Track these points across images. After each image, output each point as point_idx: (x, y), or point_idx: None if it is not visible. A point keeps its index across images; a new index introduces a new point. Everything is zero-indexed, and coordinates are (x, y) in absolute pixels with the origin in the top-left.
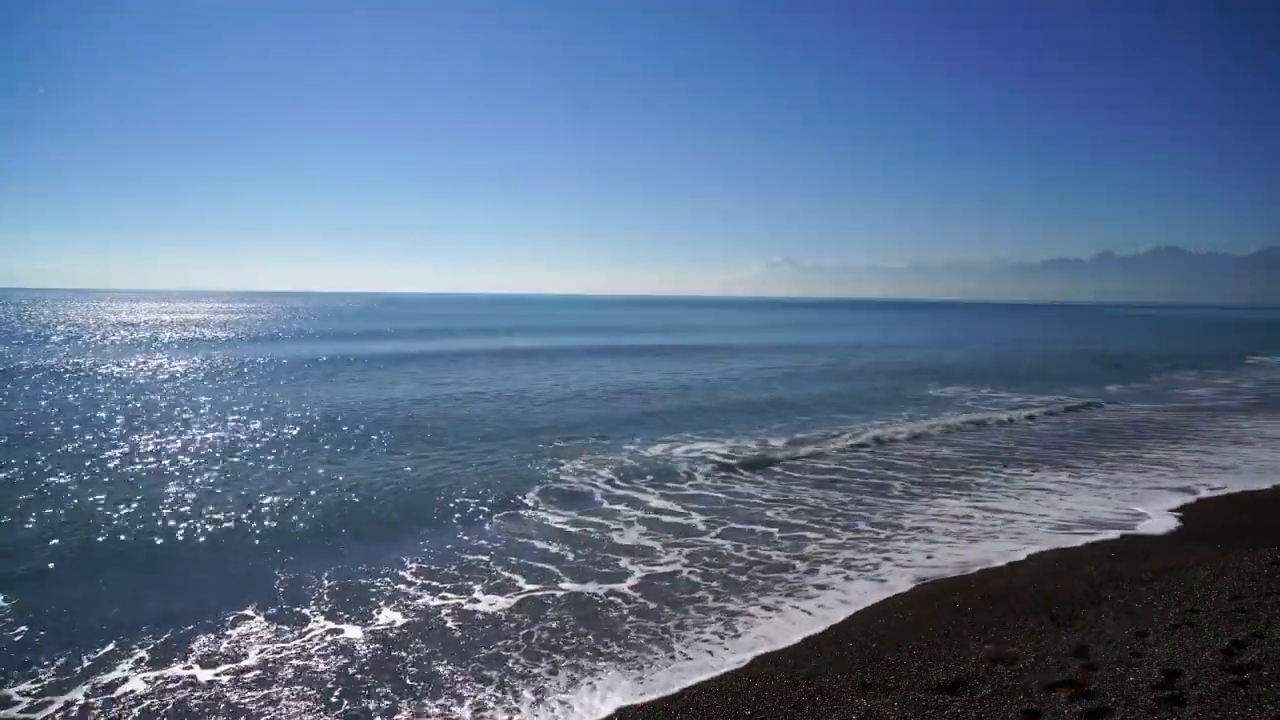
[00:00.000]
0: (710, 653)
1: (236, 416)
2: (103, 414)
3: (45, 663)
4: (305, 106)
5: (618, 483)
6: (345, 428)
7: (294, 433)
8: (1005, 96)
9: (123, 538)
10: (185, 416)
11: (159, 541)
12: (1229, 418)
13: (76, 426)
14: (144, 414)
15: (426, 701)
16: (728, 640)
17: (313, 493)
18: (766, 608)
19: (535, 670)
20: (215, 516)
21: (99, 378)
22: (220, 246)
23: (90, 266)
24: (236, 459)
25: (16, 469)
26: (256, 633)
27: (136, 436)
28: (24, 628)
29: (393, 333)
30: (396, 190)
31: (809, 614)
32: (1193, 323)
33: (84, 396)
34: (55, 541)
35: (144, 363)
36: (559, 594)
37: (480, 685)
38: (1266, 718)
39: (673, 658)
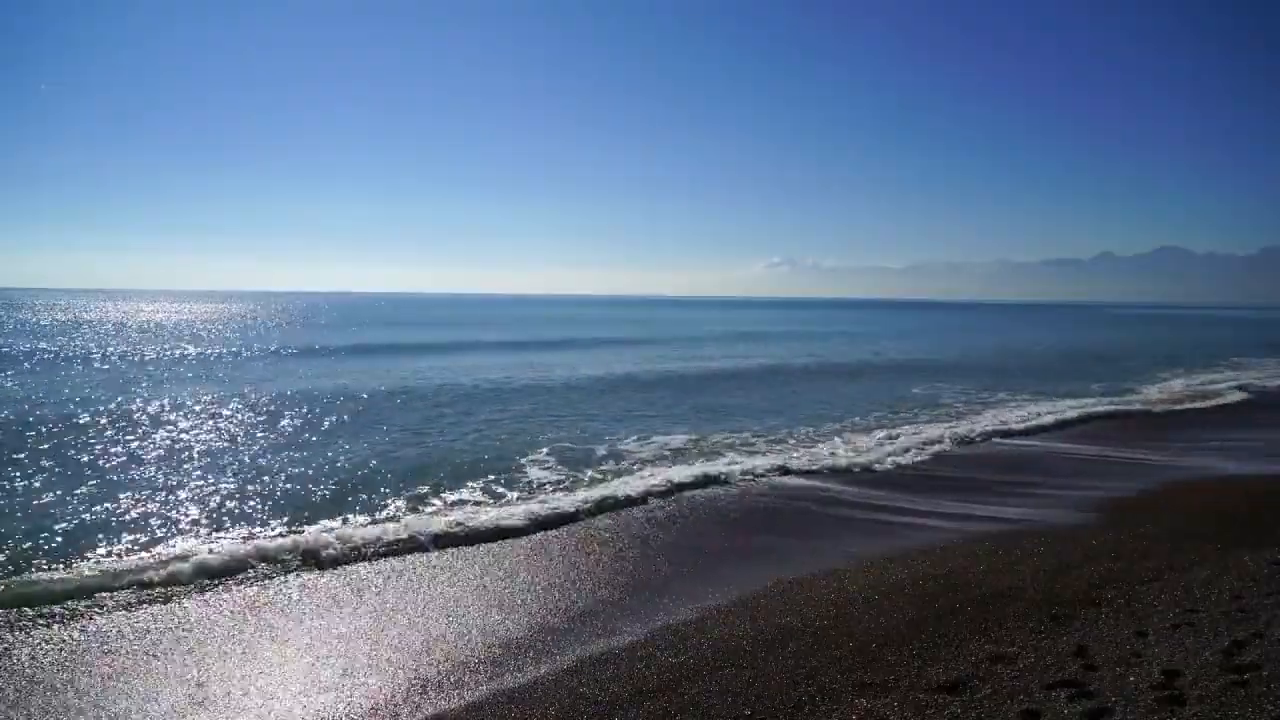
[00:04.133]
0: None
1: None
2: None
3: None
4: (316, 106)
5: None
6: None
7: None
8: (1005, 96)
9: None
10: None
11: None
12: None
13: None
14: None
15: None
16: None
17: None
18: None
19: None
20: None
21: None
22: (229, 246)
23: (91, 266)
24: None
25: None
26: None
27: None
28: None
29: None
30: (402, 191)
31: None
32: (1191, 323)
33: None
34: None
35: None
36: None
37: None
38: (1266, 718)
39: None
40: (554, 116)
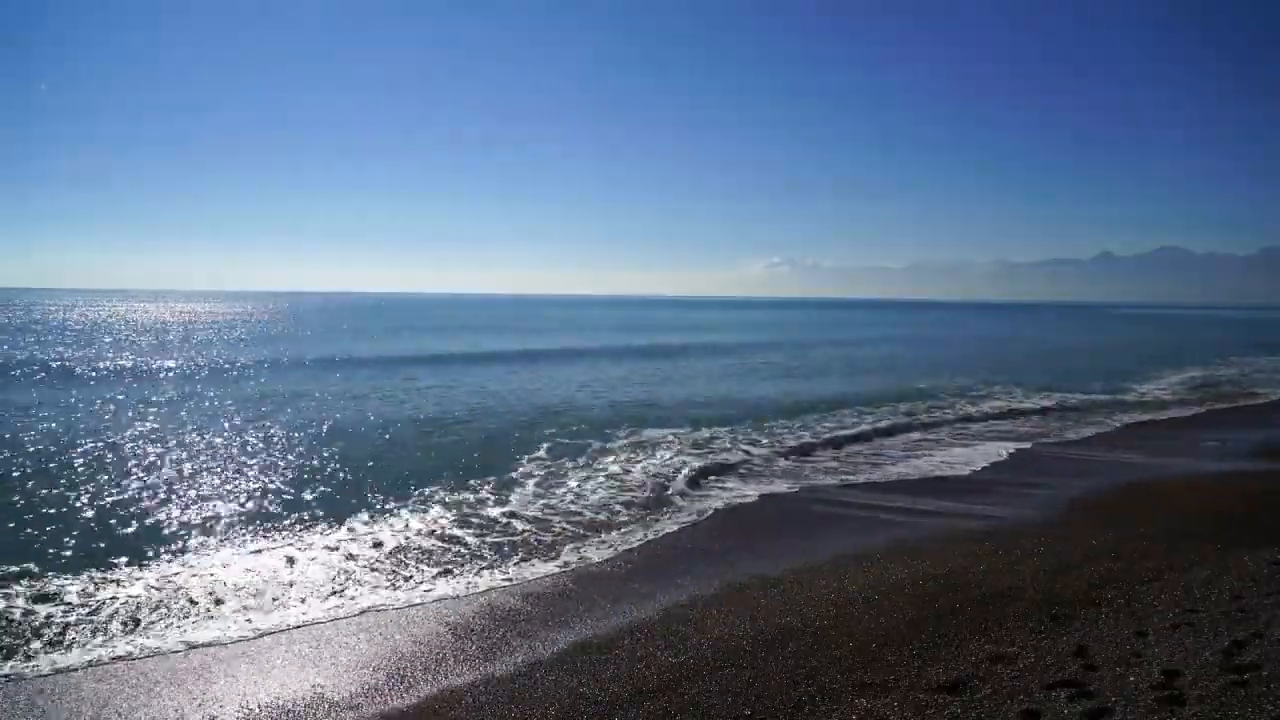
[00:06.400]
0: None
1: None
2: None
3: None
4: (317, 105)
5: None
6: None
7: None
8: (1005, 96)
9: None
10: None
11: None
12: None
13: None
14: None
15: None
16: None
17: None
18: None
19: None
20: None
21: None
22: (230, 246)
23: (92, 267)
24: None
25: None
26: None
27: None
28: None
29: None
30: (402, 191)
31: None
32: (1191, 323)
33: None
34: None
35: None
36: None
37: None
38: (1266, 718)
39: None
40: (554, 116)
